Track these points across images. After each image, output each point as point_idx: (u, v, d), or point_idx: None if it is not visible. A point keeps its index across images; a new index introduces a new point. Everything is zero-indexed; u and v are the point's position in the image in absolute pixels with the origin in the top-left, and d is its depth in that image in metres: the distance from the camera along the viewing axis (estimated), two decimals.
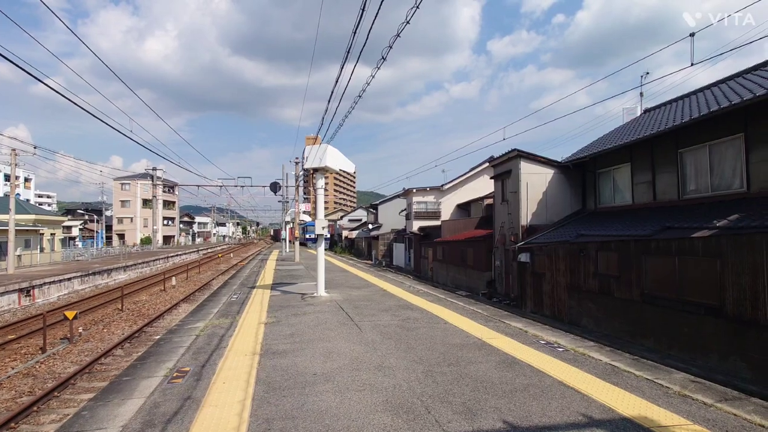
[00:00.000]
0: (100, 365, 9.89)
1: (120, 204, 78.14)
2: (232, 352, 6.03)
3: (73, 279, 22.29)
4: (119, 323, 14.45)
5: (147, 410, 4.10)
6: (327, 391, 4.48)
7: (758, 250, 7.85)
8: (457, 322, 7.58)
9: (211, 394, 4.49)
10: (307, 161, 10.72)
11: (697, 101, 13.64)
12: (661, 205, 12.95)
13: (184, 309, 16.11)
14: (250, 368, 5.29)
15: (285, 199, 34.71)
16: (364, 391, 4.44)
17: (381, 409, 3.99)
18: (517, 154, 17.43)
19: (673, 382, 4.57)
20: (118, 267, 28.33)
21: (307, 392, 4.46)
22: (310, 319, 8.23)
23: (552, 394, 4.24)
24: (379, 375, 4.91)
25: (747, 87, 10.95)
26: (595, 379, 4.65)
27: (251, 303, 10.29)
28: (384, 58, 6.72)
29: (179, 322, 8.71)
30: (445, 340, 6.42)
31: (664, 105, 17.39)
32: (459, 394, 4.30)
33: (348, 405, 4.11)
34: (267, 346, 6.29)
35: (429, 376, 4.84)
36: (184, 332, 7.50)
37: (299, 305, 9.77)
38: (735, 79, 13.41)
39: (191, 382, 4.86)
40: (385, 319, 8.03)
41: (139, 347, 10.97)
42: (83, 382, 8.96)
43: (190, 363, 5.61)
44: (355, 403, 4.14)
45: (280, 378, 4.90)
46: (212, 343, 6.61)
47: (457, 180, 34.11)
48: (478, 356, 5.57)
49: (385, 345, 6.19)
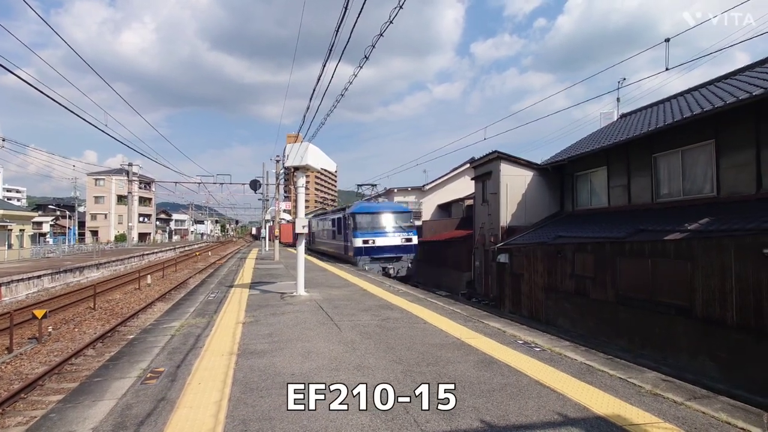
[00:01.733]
0: (70, 366, 9.61)
1: (94, 200, 76.11)
2: (208, 352, 5.93)
3: (43, 277, 21.61)
4: (91, 322, 14.08)
5: (119, 412, 4.00)
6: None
7: (726, 253, 8.12)
8: (437, 322, 7.61)
9: (186, 395, 4.39)
10: (288, 159, 10.61)
11: (671, 107, 14.03)
12: (635, 208, 13.29)
13: (159, 308, 15.79)
14: (227, 368, 5.20)
15: (265, 197, 34.33)
16: None
17: (360, 410, 3.97)
18: (498, 156, 17.63)
19: (645, 381, 4.68)
20: (90, 264, 27.59)
21: (285, 392, 4.41)
22: (289, 318, 8.16)
23: (529, 394, 4.29)
24: (358, 375, 4.89)
25: (718, 95, 11.31)
26: (570, 379, 4.72)
27: (229, 302, 10.14)
28: (367, 57, 6.70)
29: (154, 322, 8.52)
30: (424, 339, 6.44)
31: (640, 110, 17.83)
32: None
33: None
34: (244, 346, 6.21)
35: (408, 376, 4.84)
36: (159, 332, 7.34)
37: (278, 304, 9.67)
38: (708, 86, 13.84)
39: (166, 383, 4.75)
40: (365, 318, 8.01)
41: (112, 347, 10.70)
42: (52, 383, 8.70)
43: (165, 363, 5.49)
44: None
45: (257, 378, 4.83)
46: (188, 343, 6.48)
47: (439, 180, 34.29)
48: (457, 356, 5.60)
49: (365, 345, 6.18)
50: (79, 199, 68.73)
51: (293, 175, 11.77)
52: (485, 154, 19.09)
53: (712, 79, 14.31)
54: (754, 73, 12.01)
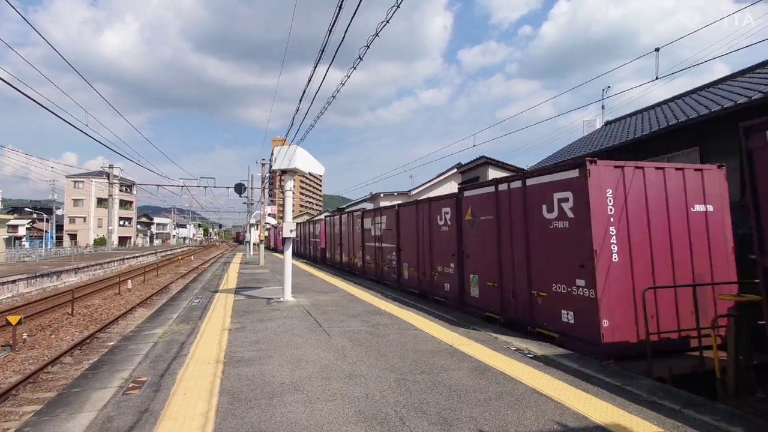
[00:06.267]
0: (46, 374, 9.23)
1: (72, 203, 74.31)
2: (193, 361, 5.72)
3: (18, 281, 20.90)
4: (69, 329, 13.61)
5: (99, 425, 3.79)
6: (296, 401, 4.28)
7: None
8: (428, 329, 7.50)
9: (170, 406, 4.20)
10: (275, 162, 10.43)
11: (656, 115, 14.24)
12: None
13: (141, 314, 15.36)
14: (214, 377, 5.01)
15: (250, 201, 33.92)
16: (335, 401, 4.26)
17: (353, 421, 3.83)
18: (485, 161, 17.69)
19: (641, 387, 4.63)
20: (68, 269, 26.83)
21: (275, 403, 4.25)
22: (277, 324, 7.96)
23: (526, 403, 4.21)
24: (350, 384, 4.75)
25: (702, 103, 11.51)
26: (567, 386, 4.65)
27: (214, 308, 9.88)
28: (361, 57, 6.64)
29: (135, 328, 8.24)
30: (416, 346, 6.32)
31: (625, 117, 18.08)
32: (434, 403, 4.20)
33: (318, 416, 3.93)
34: (231, 354, 6.01)
35: (402, 384, 4.72)
36: (141, 339, 7.08)
37: (265, 310, 9.46)
38: (691, 95, 14.09)
39: (149, 393, 4.54)
40: (355, 324, 7.87)
41: (91, 355, 10.34)
42: (27, 392, 8.33)
43: (148, 372, 5.27)
44: (326, 415, 3.96)
45: (245, 388, 4.66)
46: (172, 351, 6.25)
47: (425, 185, 34.27)
48: (451, 363, 5.50)
49: (356, 352, 6.03)
50: (57, 202, 67.02)
51: (281, 178, 11.58)
52: (473, 160, 19.16)
53: (695, 88, 14.58)
54: (735, 82, 12.27)
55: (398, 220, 13.27)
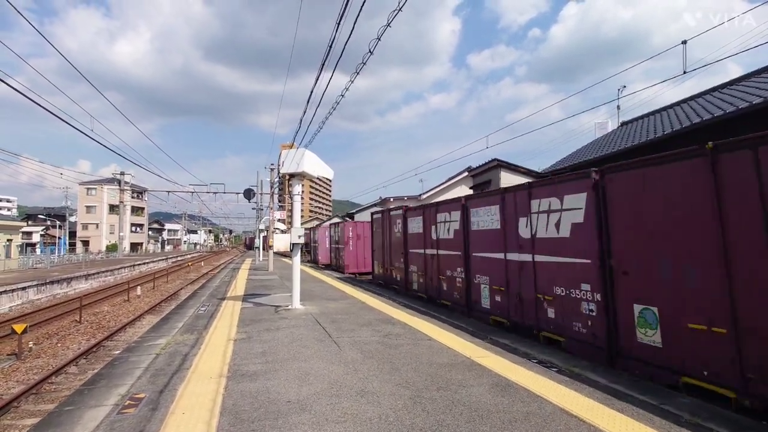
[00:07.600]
0: (49, 384, 9.00)
1: (85, 209, 75.09)
2: (195, 375, 5.40)
3: (28, 288, 20.89)
4: (76, 337, 13.43)
5: None
6: (303, 422, 3.94)
7: None
8: (443, 339, 7.12)
9: (167, 427, 3.88)
10: (283, 166, 10.16)
11: (668, 117, 13.78)
12: None
13: (148, 321, 15.16)
14: (215, 394, 4.68)
15: (260, 207, 33.80)
16: (345, 423, 3.91)
17: None
18: (497, 164, 17.29)
19: (680, 407, 4.22)
20: (79, 275, 26.85)
21: (281, 424, 3.91)
22: (284, 334, 7.63)
23: (557, 426, 3.81)
24: (362, 402, 4.39)
25: (717, 105, 11.09)
26: (598, 405, 4.25)
27: (220, 316, 9.60)
28: (364, 63, 6.47)
29: (139, 338, 7.97)
30: (431, 359, 5.94)
31: (640, 118, 17.59)
32: (453, 425, 3.83)
33: None
34: (236, 367, 5.68)
35: (418, 403, 4.35)
36: (144, 350, 6.80)
37: (273, 319, 9.14)
38: (704, 96, 13.63)
39: (145, 412, 4.23)
40: (366, 334, 7.51)
41: (96, 364, 10.10)
42: (29, 404, 8.09)
43: (147, 388, 4.96)
44: None
45: (249, 407, 4.32)
46: (174, 363, 5.95)
47: (436, 189, 33.85)
48: (469, 378, 5.12)
49: (367, 365, 5.67)
50: (70, 209, 67.79)
51: (289, 183, 11.31)
52: (484, 163, 18.78)
53: (709, 89, 14.15)
54: (750, 82, 11.82)
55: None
